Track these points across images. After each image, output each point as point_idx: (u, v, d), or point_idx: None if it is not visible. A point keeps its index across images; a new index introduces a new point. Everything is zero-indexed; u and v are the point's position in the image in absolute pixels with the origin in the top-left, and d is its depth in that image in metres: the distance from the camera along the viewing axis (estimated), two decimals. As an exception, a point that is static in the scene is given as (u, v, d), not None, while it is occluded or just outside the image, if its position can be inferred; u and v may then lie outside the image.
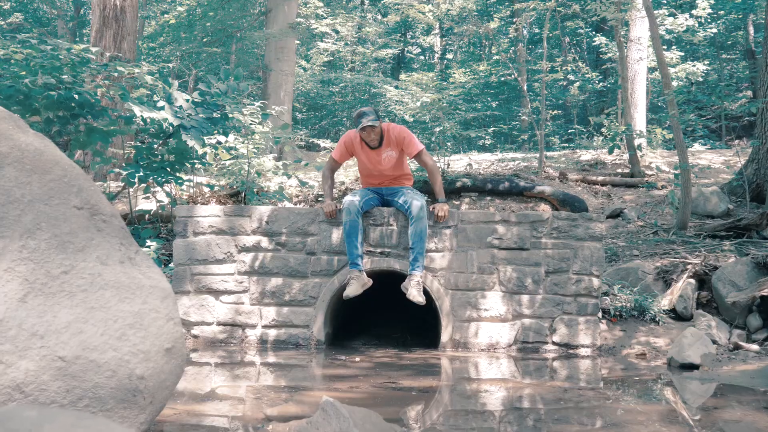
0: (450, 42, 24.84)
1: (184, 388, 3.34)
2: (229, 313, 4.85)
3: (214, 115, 6.40)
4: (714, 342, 4.63)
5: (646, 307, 5.15)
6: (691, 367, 4.17)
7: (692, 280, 5.43)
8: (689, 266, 5.57)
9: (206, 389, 3.46)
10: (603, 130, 12.32)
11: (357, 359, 4.32)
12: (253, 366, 4.19)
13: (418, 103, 12.03)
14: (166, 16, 18.78)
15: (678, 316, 5.25)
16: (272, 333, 4.82)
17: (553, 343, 4.76)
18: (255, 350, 4.66)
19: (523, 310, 4.77)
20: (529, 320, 4.77)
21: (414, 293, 4.53)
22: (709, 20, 16.22)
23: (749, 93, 16.00)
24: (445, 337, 4.76)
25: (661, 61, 7.78)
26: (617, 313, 5.15)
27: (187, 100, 6.26)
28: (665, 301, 5.34)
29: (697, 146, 13.74)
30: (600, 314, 4.92)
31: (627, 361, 4.51)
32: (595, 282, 4.79)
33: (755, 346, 4.58)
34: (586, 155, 12.41)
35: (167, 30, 17.56)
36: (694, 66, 14.63)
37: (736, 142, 14.24)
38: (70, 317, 1.63)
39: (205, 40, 16.73)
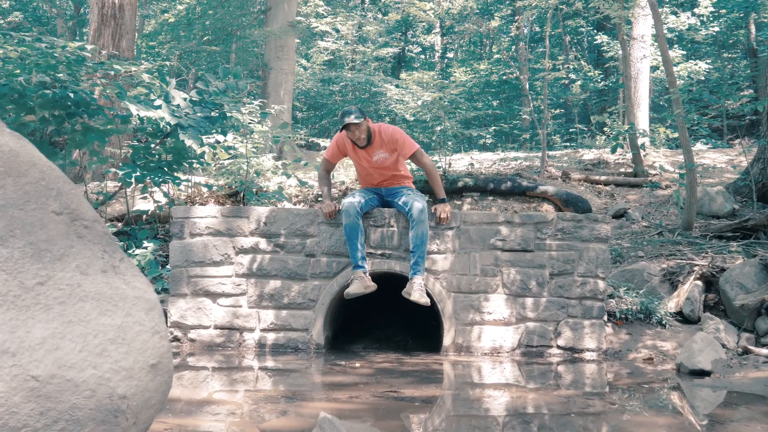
0: (451, 41, 24.74)
1: (180, 395, 3.24)
2: (226, 317, 4.74)
3: (213, 114, 6.29)
4: (723, 346, 4.52)
5: (652, 309, 5.04)
6: (702, 373, 4.04)
7: (699, 282, 5.32)
8: (696, 268, 5.46)
9: (202, 396, 3.36)
10: (605, 129, 12.21)
11: (357, 365, 4.21)
12: (251, 371, 4.08)
13: (419, 102, 11.94)
14: (165, 14, 18.67)
15: (685, 318, 5.14)
16: (271, 337, 4.71)
17: (558, 347, 4.65)
18: (253, 354, 4.55)
19: (527, 313, 4.66)
20: (533, 323, 4.67)
21: (417, 296, 4.42)
22: (711, 19, 16.13)
23: (750, 92, 15.89)
24: (447, 340, 4.65)
25: (666, 59, 7.65)
26: (623, 316, 5.04)
27: (185, 99, 6.15)
28: (672, 304, 5.23)
29: (699, 145, 13.62)
30: (605, 317, 4.81)
31: (633, 366, 4.40)
32: (601, 284, 4.68)
33: (765, 350, 4.47)
34: (589, 154, 12.29)
35: (166, 28, 17.46)
36: (696, 65, 14.54)
37: (738, 141, 14.12)
38: (45, 332, 1.50)
39: (204, 38, 16.63)
